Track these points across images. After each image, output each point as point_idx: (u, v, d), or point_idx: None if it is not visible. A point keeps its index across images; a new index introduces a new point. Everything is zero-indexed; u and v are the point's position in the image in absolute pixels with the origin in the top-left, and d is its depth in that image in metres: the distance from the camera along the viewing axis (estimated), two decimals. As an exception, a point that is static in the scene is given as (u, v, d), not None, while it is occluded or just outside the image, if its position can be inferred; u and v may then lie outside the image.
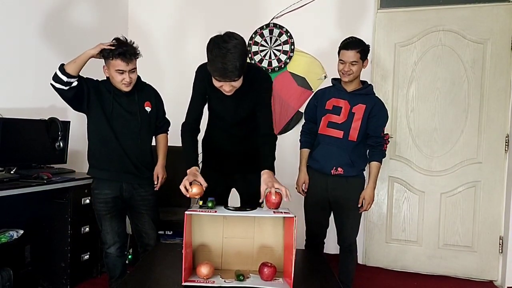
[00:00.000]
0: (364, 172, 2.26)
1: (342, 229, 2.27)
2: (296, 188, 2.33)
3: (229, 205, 1.78)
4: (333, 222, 2.31)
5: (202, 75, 1.86)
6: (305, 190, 2.30)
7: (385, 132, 2.23)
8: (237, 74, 1.65)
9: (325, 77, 3.22)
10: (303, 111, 3.26)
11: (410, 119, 3.08)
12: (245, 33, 3.33)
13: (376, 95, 2.26)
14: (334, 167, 2.17)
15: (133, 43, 2.05)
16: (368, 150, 2.24)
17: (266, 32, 3.33)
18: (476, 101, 2.94)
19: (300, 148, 2.36)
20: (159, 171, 2.23)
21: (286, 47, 3.30)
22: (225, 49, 1.61)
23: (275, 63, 3.31)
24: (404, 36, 3.06)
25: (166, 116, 2.34)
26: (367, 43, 2.16)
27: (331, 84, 2.30)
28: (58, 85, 1.98)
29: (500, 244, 2.92)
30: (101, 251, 2.46)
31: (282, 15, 3.31)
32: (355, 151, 2.19)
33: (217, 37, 1.66)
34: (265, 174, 1.68)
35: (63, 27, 2.95)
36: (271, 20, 3.33)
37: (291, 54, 3.29)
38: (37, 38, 2.75)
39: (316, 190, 2.25)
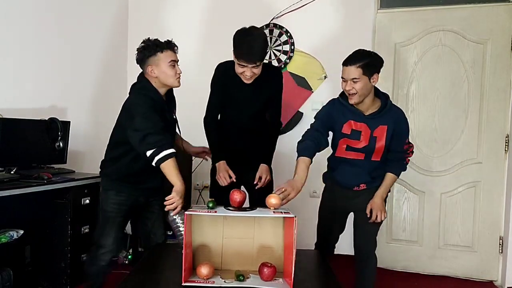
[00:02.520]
0: None
1: (357, 237, 2.11)
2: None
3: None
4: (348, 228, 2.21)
5: (222, 70, 2.15)
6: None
7: (408, 141, 2.03)
8: (260, 58, 1.95)
9: (325, 77, 3.22)
10: (303, 112, 3.27)
11: (410, 119, 3.02)
12: (245, 33, 3.37)
13: (396, 107, 2.01)
14: (356, 186, 2.04)
15: None
16: (387, 161, 2.04)
17: (266, 32, 3.33)
18: (476, 101, 2.94)
19: (299, 156, 1.90)
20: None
21: (286, 47, 3.30)
22: (250, 36, 1.94)
23: (275, 63, 3.31)
24: (404, 36, 3.06)
25: None
26: (375, 55, 1.91)
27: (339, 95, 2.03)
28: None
29: (500, 244, 2.92)
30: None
31: (282, 15, 3.31)
32: (378, 168, 2.03)
33: (243, 28, 2.01)
34: (263, 166, 2.17)
35: (63, 27, 2.95)
36: (271, 20, 3.33)
37: (291, 54, 3.29)
38: (37, 38, 2.75)
39: (334, 199, 2.13)
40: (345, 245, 3.05)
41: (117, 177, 1.98)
